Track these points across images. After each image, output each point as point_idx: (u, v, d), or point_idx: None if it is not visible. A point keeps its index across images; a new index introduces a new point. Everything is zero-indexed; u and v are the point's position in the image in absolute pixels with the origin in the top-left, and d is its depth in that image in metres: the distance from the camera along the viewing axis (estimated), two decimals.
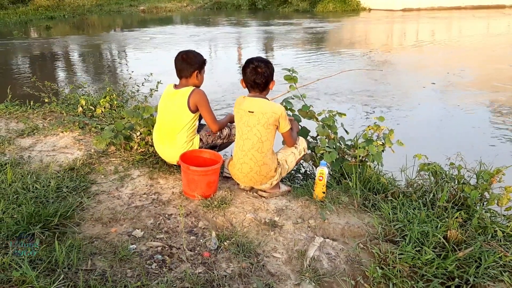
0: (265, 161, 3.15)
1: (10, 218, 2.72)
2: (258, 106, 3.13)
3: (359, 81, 8.74)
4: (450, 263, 2.43)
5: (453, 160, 3.26)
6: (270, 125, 3.11)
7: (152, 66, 9.53)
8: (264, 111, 3.10)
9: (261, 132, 3.11)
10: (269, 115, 3.09)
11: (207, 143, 3.60)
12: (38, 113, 5.15)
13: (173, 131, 3.46)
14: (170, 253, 2.58)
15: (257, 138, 3.12)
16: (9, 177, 3.29)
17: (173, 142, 3.47)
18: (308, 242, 2.72)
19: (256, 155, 3.14)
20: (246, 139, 3.16)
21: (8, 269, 2.28)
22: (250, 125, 3.14)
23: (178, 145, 3.45)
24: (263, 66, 3.14)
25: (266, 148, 3.15)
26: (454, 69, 9.61)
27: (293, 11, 23.59)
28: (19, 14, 21.87)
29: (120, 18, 23.27)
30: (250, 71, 3.15)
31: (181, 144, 3.45)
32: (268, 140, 3.15)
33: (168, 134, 3.49)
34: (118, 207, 3.08)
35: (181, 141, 3.45)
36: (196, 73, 3.46)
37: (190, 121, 3.44)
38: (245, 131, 3.17)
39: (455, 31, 17.04)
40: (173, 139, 3.46)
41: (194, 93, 3.39)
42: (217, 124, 3.50)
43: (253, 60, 3.19)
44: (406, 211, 2.94)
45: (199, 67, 3.48)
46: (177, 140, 3.45)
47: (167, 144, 3.51)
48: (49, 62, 11.94)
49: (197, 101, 3.39)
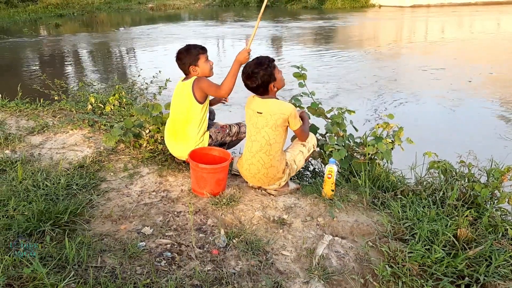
0: (272, 163, 3.13)
1: (21, 215, 2.74)
2: (267, 106, 3.08)
3: (369, 75, 8.70)
4: (460, 261, 2.41)
5: (464, 158, 3.24)
6: (278, 127, 3.06)
7: (160, 63, 9.56)
8: (273, 112, 3.05)
9: (269, 134, 3.08)
10: (277, 116, 3.04)
11: (216, 140, 3.60)
12: (48, 111, 5.19)
13: (183, 125, 3.47)
14: (179, 250, 2.58)
15: (265, 140, 3.09)
16: (19, 175, 3.32)
17: (184, 136, 3.48)
18: (317, 240, 2.71)
19: (263, 158, 3.12)
20: (254, 141, 3.14)
21: (19, 265, 2.30)
22: (258, 126, 3.11)
23: (188, 140, 3.46)
24: (255, 70, 3.05)
25: (275, 151, 3.11)
26: (467, 65, 9.53)
27: (301, 8, 23.55)
28: (28, 12, 22.04)
29: (129, 15, 23.36)
30: (243, 76, 3.12)
31: (191, 139, 3.46)
32: (277, 142, 3.11)
33: (179, 128, 3.50)
34: (128, 204, 3.10)
35: (192, 136, 3.46)
36: (192, 68, 3.46)
37: (199, 113, 3.43)
38: (254, 132, 3.14)
39: (467, 27, 16.88)
40: (183, 134, 3.48)
41: (196, 81, 3.39)
42: (222, 88, 3.32)
43: (247, 64, 3.13)
44: (416, 209, 2.93)
45: (193, 60, 3.45)
46: (187, 134, 3.46)
47: (178, 139, 3.53)
48: (59, 60, 12.02)
49: (200, 86, 3.37)
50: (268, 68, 3.06)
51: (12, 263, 2.31)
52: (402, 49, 12.00)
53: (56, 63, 11.55)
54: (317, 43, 13.20)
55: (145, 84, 6.01)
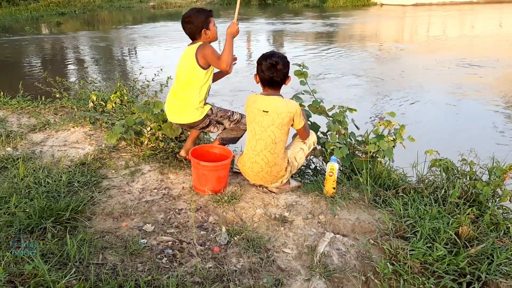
0: (276, 161, 3.12)
1: (22, 212, 2.75)
2: (273, 105, 3.04)
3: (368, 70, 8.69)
4: (461, 259, 2.41)
5: (466, 156, 3.23)
6: (284, 125, 3.05)
7: (162, 61, 9.55)
8: (279, 111, 3.02)
9: (275, 133, 3.05)
10: (284, 115, 3.01)
11: (216, 115, 3.52)
12: (49, 108, 5.19)
13: (184, 87, 3.41)
14: (181, 247, 2.58)
15: (271, 139, 3.07)
16: (21, 172, 3.32)
17: (184, 97, 3.42)
18: (318, 238, 2.71)
19: (268, 156, 3.10)
20: (259, 140, 3.11)
21: (21, 262, 2.31)
22: (264, 125, 3.07)
23: (188, 101, 3.40)
24: (281, 63, 3.02)
25: (279, 149, 3.10)
26: (471, 63, 9.50)
27: (303, 6, 23.52)
28: (30, 10, 22.04)
29: (130, 14, 23.36)
30: (268, 68, 3.03)
31: (191, 101, 3.40)
32: (282, 141, 3.10)
33: (180, 90, 3.44)
34: (129, 201, 3.10)
35: (192, 98, 3.39)
36: (204, 31, 3.39)
37: (202, 79, 3.37)
38: (259, 131, 3.10)
39: (468, 25, 16.84)
40: (184, 95, 3.41)
41: (200, 47, 3.33)
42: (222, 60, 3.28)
43: (271, 56, 3.05)
44: (417, 207, 2.92)
45: (204, 24, 3.38)
46: (188, 95, 3.40)
47: (178, 99, 3.46)
48: (60, 58, 12.02)
49: (204, 53, 3.31)
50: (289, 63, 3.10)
51: (13, 260, 2.32)
52: (405, 47, 11.98)
53: (58, 61, 11.55)
54: (318, 41, 13.18)
55: (146, 82, 6.00)
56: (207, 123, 3.50)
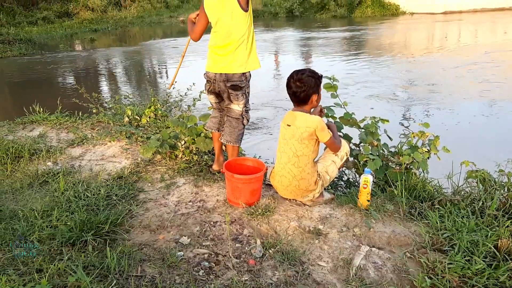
0: (303, 175, 3.13)
1: (64, 225, 2.84)
2: (295, 119, 3.10)
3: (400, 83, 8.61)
4: (501, 273, 2.36)
5: (503, 167, 3.17)
6: (305, 140, 3.06)
7: (194, 75, 9.69)
8: (299, 125, 3.06)
9: (295, 146, 3.09)
10: (303, 129, 3.04)
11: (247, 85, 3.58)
12: (86, 124, 5.36)
13: (233, 33, 3.40)
14: (217, 260, 2.62)
15: (292, 152, 3.11)
16: (61, 186, 3.44)
17: (235, 47, 3.42)
18: (353, 251, 2.70)
19: (293, 169, 3.13)
20: (282, 152, 3.19)
21: (63, 274, 2.39)
22: (286, 138, 3.15)
23: (239, 51, 3.42)
24: (302, 79, 3.04)
25: (304, 163, 3.11)
26: (506, 71, 9.28)
27: (330, 17, 23.44)
28: (64, 27, 22.72)
29: (161, 28, 23.80)
30: (288, 83, 3.11)
31: (243, 50, 3.42)
32: (305, 155, 3.10)
33: (229, 37, 3.42)
34: (165, 214, 3.17)
35: (242, 47, 3.42)
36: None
37: (248, 21, 3.40)
38: (282, 144, 3.19)
39: (502, 32, 16.48)
40: (233, 42, 3.42)
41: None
42: None
43: (295, 72, 3.12)
44: (454, 219, 2.87)
45: None
46: (239, 45, 3.41)
47: (228, 50, 3.45)
48: (94, 73, 12.34)
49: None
50: (316, 79, 3.09)
51: (56, 272, 2.40)
52: (436, 56, 11.80)
53: (92, 77, 11.87)
54: (347, 51, 13.13)
55: (179, 96, 6.11)
56: (243, 85, 3.52)
